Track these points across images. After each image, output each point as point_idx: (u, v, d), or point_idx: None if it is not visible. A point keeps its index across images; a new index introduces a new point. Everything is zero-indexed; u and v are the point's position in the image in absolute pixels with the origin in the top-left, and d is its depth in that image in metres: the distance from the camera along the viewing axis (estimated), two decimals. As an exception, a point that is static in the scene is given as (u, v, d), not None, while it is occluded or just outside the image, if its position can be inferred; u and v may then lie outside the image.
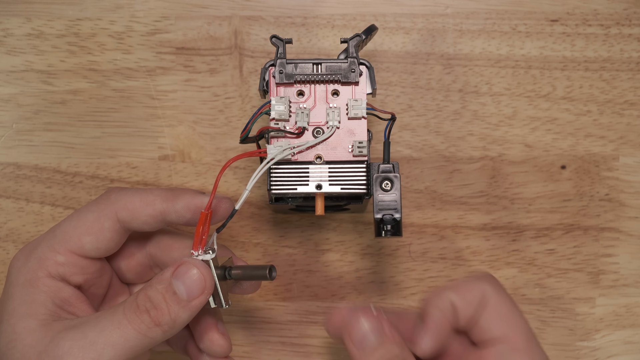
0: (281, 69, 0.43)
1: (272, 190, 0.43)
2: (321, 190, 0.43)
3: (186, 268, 0.40)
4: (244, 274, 0.42)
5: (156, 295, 0.39)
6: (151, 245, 0.45)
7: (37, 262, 0.41)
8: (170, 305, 0.39)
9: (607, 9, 0.52)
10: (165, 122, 0.52)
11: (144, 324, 0.39)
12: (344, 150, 0.43)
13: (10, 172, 0.52)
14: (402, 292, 0.52)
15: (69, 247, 0.42)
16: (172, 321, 0.39)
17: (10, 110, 0.52)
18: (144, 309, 0.39)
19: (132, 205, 0.42)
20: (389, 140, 0.43)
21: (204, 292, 0.40)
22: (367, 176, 0.43)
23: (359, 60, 0.43)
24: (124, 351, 0.38)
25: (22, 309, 0.40)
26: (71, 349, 0.38)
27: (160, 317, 0.39)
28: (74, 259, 0.42)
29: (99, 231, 0.42)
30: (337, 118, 0.43)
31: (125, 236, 0.44)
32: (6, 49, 0.52)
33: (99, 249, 0.42)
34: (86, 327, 0.39)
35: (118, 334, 0.38)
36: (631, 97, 0.52)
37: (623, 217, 0.52)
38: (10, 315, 0.40)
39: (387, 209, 0.42)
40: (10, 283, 0.41)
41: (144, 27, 0.52)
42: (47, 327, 0.39)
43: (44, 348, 0.38)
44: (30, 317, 0.39)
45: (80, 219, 0.42)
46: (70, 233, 0.42)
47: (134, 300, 0.39)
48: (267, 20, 0.52)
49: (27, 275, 0.41)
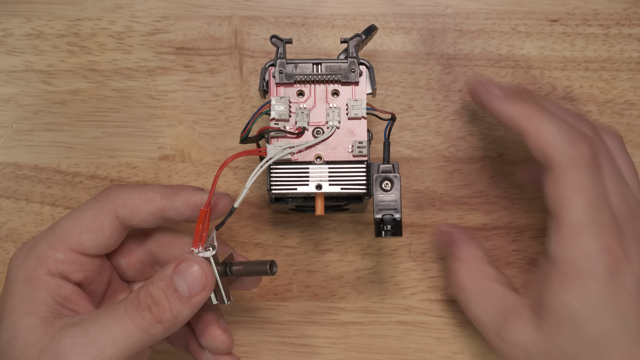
0: (281, 69, 0.43)
1: (272, 190, 0.43)
2: (321, 191, 0.43)
3: (187, 265, 0.40)
4: (245, 270, 0.42)
5: (157, 291, 0.39)
6: (151, 243, 0.45)
7: (37, 260, 0.41)
8: (171, 301, 0.39)
9: (607, 9, 0.52)
10: (165, 122, 0.52)
11: (146, 320, 0.39)
12: (344, 150, 0.43)
13: (10, 172, 0.52)
14: (402, 292, 0.52)
15: (69, 245, 0.42)
16: (173, 318, 0.39)
17: (10, 110, 0.52)
18: (145, 305, 0.39)
19: (131, 203, 0.42)
20: (389, 140, 0.44)
21: (205, 289, 0.40)
22: (367, 176, 0.43)
23: (359, 60, 0.43)
24: (126, 348, 0.38)
25: (23, 307, 0.40)
26: (73, 346, 0.38)
27: (161, 313, 0.39)
28: (74, 256, 0.42)
29: (99, 228, 0.42)
30: (337, 118, 0.43)
31: (124, 233, 0.44)
32: (6, 49, 0.52)
33: (98, 246, 0.42)
34: (87, 324, 0.39)
35: (119, 330, 0.38)
36: (631, 97, 0.52)
37: (623, 217, 0.52)
38: (11, 313, 0.40)
39: (387, 209, 0.42)
40: (10, 281, 0.41)
41: (144, 27, 0.52)
42: (48, 325, 0.39)
43: (45, 345, 0.38)
44: (31, 315, 0.39)
45: (80, 217, 0.42)
46: (70, 231, 0.42)
47: (135, 297, 0.39)
48: (267, 20, 0.52)
49: (27, 273, 0.41)
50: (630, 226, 0.43)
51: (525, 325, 0.43)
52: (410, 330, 0.51)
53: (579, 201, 0.41)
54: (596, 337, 0.41)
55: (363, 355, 0.51)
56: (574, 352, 0.42)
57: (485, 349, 0.51)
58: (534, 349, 0.43)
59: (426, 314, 0.51)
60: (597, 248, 0.41)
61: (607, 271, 0.41)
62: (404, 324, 0.51)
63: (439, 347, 0.51)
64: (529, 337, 0.43)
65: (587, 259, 0.41)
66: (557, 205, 0.42)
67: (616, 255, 0.41)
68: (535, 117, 0.43)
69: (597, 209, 0.41)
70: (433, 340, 0.51)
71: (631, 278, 0.42)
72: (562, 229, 0.42)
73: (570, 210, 0.41)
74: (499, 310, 0.44)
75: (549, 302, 0.42)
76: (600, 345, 0.41)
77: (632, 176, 0.46)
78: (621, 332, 0.41)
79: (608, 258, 0.41)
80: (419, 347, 0.51)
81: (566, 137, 0.42)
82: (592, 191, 0.41)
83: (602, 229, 0.41)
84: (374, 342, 0.51)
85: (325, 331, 0.51)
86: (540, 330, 0.43)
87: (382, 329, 0.51)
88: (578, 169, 0.41)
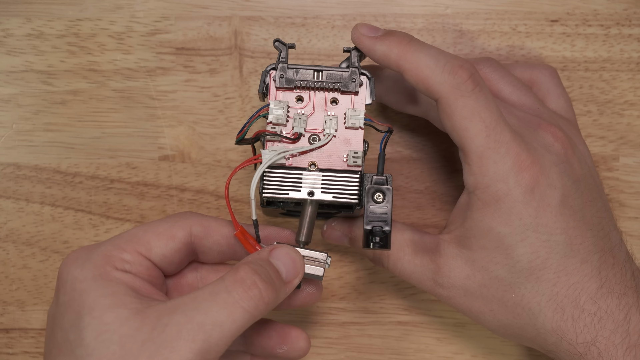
0: (282, 74, 0.43)
1: (264, 194, 0.43)
2: (313, 197, 0.43)
3: (285, 250, 0.41)
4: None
5: (262, 269, 0.39)
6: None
7: (103, 258, 0.40)
8: (275, 281, 0.39)
9: (607, 9, 0.52)
10: (165, 123, 0.52)
11: (253, 300, 0.38)
12: (339, 159, 0.43)
13: (10, 172, 0.52)
14: (402, 292, 0.52)
15: (136, 248, 0.41)
16: (275, 299, 0.39)
17: (10, 111, 0.52)
18: (251, 282, 0.38)
19: (207, 222, 0.43)
20: (384, 152, 0.43)
21: (299, 274, 0.41)
22: (359, 186, 0.43)
23: (360, 70, 0.43)
24: (231, 331, 0.37)
25: (106, 301, 0.38)
26: (180, 333, 0.36)
27: (268, 291, 0.38)
28: (140, 259, 0.41)
29: (170, 238, 0.42)
30: (334, 126, 0.43)
31: (191, 256, 0.44)
32: (6, 49, 0.52)
33: (165, 255, 0.42)
34: (188, 310, 0.37)
35: (225, 314, 0.37)
36: (631, 97, 0.52)
37: (623, 218, 0.52)
38: (92, 308, 0.38)
39: (378, 220, 0.42)
40: (75, 279, 0.39)
41: (144, 27, 0.52)
42: (142, 315, 0.37)
43: (147, 336, 0.37)
44: (119, 307, 0.38)
45: (152, 225, 0.42)
46: (139, 235, 0.41)
47: (235, 277, 0.38)
48: (267, 20, 0.52)
49: (95, 271, 0.39)
50: (534, 137, 0.43)
51: (456, 262, 0.43)
52: (410, 330, 0.51)
53: (475, 126, 0.41)
54: (528, 259, 0.41)
55: (363, 355, 0.51)
56: (511, 278, 0.42)
57: (486, 349, 0.51)
58: (471, 283, 0.43)
59: (426, 314, 0.52)
60: (508, 168, 0.41)
61: (525, 188, 0.41)
62: (404, 324, 0.52)
63: (439, 347, 0.51)
64: (464, 273, 0.43)
65: (502, 181, 0.41)
66: (457, 136, 0.42)
67: (529, 169, 0.41)
68: (408, 51, 0.42)
69: (495, 129, 0.41)
70: (433, 340, 0.52)
71: (550, 190, 0.42)
72: (470, 157, 0.42)
73: (469, 137, 0.41)
74: (429, 258, 0.44)
75: (473, 231, 0.42)
76: (534, 266, 0.42)
77: (522, 87, 0.47)
78: (551, 249, 0.41)
79: (522, 175, 0.41)
80: (419, 347, 0.51)
81: (443, 67, 0.41)
82: (485, 113, 0.41)
83: (507, 147, 0.41)
84: (374, 342, 0.51)
85: (325, 331, 0.51)
86: (473, 263, 0.43)
87: (382, 329, 0.51)
88: (463, 95, 0.41)
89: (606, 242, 0.43)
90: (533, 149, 0.42)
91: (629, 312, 0.41)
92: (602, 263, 0.42)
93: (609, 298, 0.41)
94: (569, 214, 0.42)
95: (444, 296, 0.44)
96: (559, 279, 0.42)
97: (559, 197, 0.42)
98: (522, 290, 0.42)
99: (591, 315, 0.41)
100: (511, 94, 0.46)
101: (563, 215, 0.42)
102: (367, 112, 0.44)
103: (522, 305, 0.42)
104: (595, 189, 0.44)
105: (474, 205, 0.42)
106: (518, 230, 0.41)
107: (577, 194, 0.43)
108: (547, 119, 0.45)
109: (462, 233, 0.43)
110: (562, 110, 0.47)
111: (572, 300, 0.41)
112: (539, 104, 0.46)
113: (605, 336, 0.41)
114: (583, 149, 0.46)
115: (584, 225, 0.42)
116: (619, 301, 0.41)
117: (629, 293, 0.42)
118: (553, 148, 0.43)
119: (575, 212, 0.42)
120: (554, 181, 0.42)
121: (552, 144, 0.43)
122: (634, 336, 0.41)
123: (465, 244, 0.43)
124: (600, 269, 0.42)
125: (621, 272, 0.42)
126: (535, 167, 0.41)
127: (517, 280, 0.42)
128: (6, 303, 0.51)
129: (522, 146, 0.41)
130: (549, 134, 0.43)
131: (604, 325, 0.41)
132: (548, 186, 0.41)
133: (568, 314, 0.41)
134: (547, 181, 0.42)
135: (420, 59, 0.42)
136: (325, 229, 0.48)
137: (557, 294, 0.42)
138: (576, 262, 0.42)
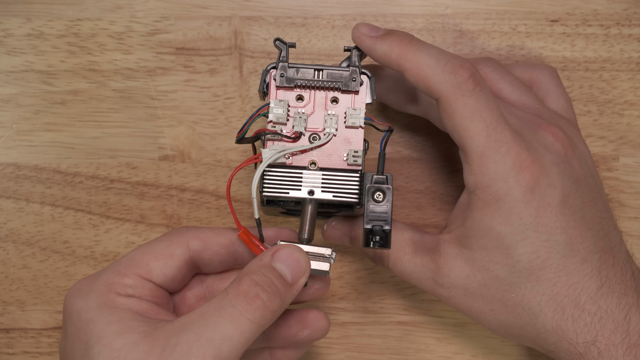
0: (282, 73, 0.43)
1: (264, 193, 0.43)
2: (313, 197, 0.43)
3: (288, 251, 0.40)
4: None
5: (263, 278, 0.39)
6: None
7: (105, 287, 0.40)
8: (279, 287, 0.39)
9: (607, 9, 0.52)
10: (165, 123, 0.52)
11: (258, 311, 0.38)
12: (339, 158, 0.43)
13: (10, 172, 0.52)
14: (402, 292, 0.52)
15: (136, 271, 0.41)
16: (281, 305, 0.39)
17: (10, 111, 0.52)
18: (254, 294, 0.38)
19: (203, 235, 0.43)
20: (385, 152, 0.43)
21: (305, 273, 0.40)
22: (360, 186, 0.43)
23: (360, 69, 0.43)
24: (240, 344, 0.37)
25: (114, 328, 0.38)
26: (190, 351, 0.36)
27: (272, 300, 0.38)
28: (142, 281, 0.41)
29: (169, 257, 0.42)
30: (334, 125, 0.43)
31: (193, 271, 0.43)
32: (6, 49, 0.52)
33: (166, 275, 0.42)
34: (196, 328, 0.37)
35: (232, 327, 0.37)
36: (631, 97, 0.52)
37: (623, 217, 0.52)
38: (100, 337, 0.38)
39: (378, 220, 0.42)
40: (81, 310, 0.40)
41: (144, 27, 0.52)
42: (150, 337, 0.38)
43: (158, 357, 0.37)
44: (127, 333, 0.38)
45: (149, 247, 0.42)
46: (138, 259, 0.41)
47: (237, 290, 0.38)
48: (267, 20, 0.52)
49: (99, 300, 0.40)
50: (534, 136, 0.43)
51: (456, 262, 0.43)
52: (410, 330, 0.51)
53: (475, 126, 0.41)
54: (529, 259, 0.41)
55: (363, 355, 0.51)
56: (511, 278, 0.42)
57: (486, 349, 0.51)
58: (471, 283, 0.43)
59: (426, 314, 0.52)
60: (508, 167, 0.41)
61: (526, 188, 0.41)
62: (404, 324, 0.51)
63: (439, 347, 0.51)
64: (465, 273, 0.43)
65: (502, 181, 0.41)
66: (458, 136, 0.42)
67: (530, 169, 0.41)
68: (409, 51, 0.42)
69: (495, 128, 0.41)
70: (433, 340, 0.51)
71: (551, 190, 0.41)
72: (470, 157, 0.42)
73: (470, 137, 0.41)
74: (429, 257, 0.44)
75: (474, 230, 0.42)
76: (534, 266, 0.41)
77: (523, 87, 0.47)
78: (552, 249, 0.41)
79: (523, 174, 0.41)
80: (419, 347, 0.51)
81: (444, 66, 0.41)
82: (485, 112, 0.41)
83: (507, 147, 0.41)
84: (374, 342, 0.51)
85: (326, 331, 0.51)
86: (473, 263, 0.42)
87: (382, 329, 0.51)
88: (463, 94, 0.41)
89: (606, 242, 0.43)
90: (533, 148, 0.42)
91: (629, 312, 0.41)
92: (602, 263, 0.42)
93: (609, 298, 0.41)
94: (569, 214, 0.42)
95: (444, 296, 0.44)
96: (559, 278, 0.42)
97: (559, 196, 0.42)
98: (522, 290, 0.42)
99: (591, 315, 0.41)
100: (511, 93, 0.46)
101: (563, 215, 0.42)
102: (368, 112, 0.44)
103: (523, 305, 0.42)
104: (595, 188, 0.44)
105: (474, 204, 0.42)
106: (518, 230, 0.41)
107: (577, 193, 0.43)
108: (547, 119, 0.45)
109: (463, 233, 0.43)
110: (562, 110, 0.47)
111: (572, 300, 0.41)
112: (539, 104, 0.46)
113: (606, 336, 0.41)
114: (583, 148, 0.46)
115: (584, 225, 0.42)
116: (619, 301, 0.41)
117: (629, 293, 0.42)
118: (553, 148, 0.43)
119: (576, 212, 0.42)
120: (554, 181, 0.42)
121: (552, 143, 0.43)
122: (634, 336, 0.41)
123: (465, 243, 0.43)
124: (601, 268, 0.42)
125: (621, 272, 0.42)
126: (535, 166, 0.41)
127: (517, 280, 0.42)
128: (6, 303, 0.51)
129: (522, 146, 0.41)
130: (549, 133, 0.43)
131: (604, 325, 0.41)
132: (548, 186, 0.41)
133: (568, 314, 0.41)
134: (548, 181, 0.42)
135: (421, 58, 0.42)
136: (326, 228, 0.48)
137: (558, 293, 0.42)
138: (576, 261, 0.42)
